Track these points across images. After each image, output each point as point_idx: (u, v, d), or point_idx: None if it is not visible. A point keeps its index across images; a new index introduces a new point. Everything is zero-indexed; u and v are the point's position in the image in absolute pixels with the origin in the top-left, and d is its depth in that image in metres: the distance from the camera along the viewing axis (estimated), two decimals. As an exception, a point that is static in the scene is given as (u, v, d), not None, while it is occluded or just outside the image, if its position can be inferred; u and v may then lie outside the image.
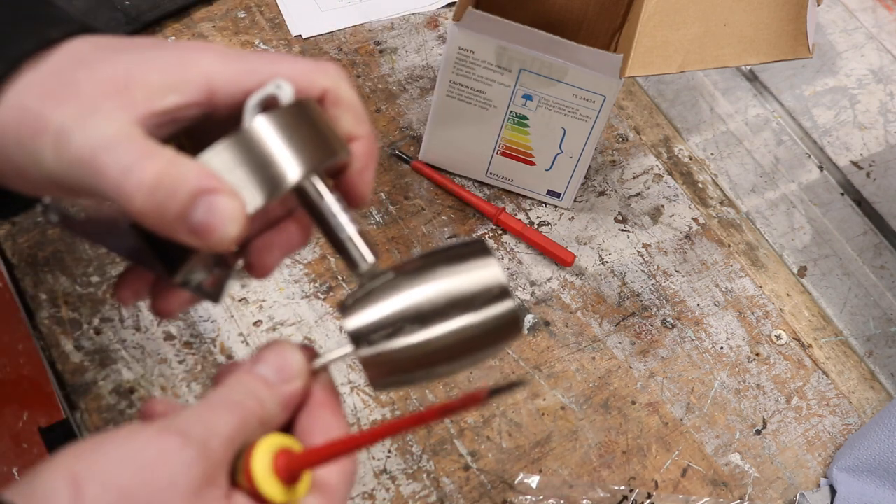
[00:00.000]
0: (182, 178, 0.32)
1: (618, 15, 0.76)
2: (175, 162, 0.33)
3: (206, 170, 0.33)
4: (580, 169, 0.73)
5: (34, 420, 0.59)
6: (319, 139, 0.36)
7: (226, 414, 0.34)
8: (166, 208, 0.32)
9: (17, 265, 0.64)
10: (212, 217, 0.33)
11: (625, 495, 0.63)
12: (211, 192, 0.33)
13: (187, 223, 0.33)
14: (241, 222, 0.33)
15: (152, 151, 0.32)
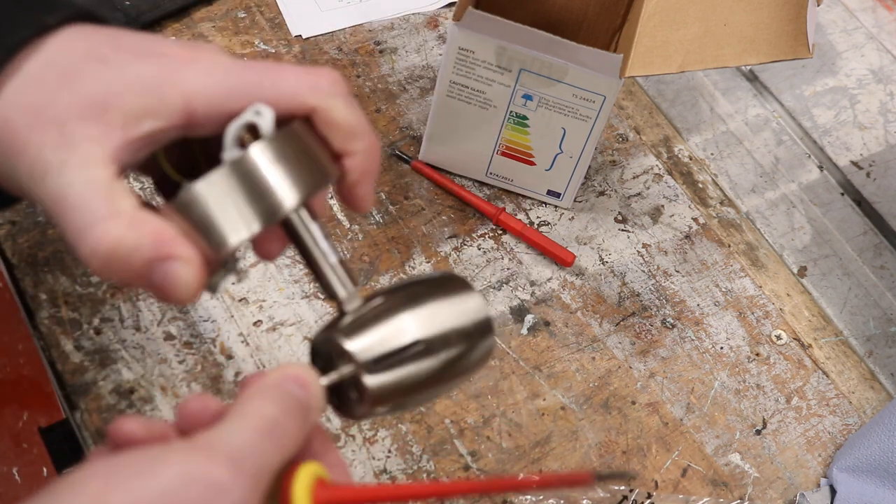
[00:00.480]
0: (137, 246, 0.32)
1: (618, 15, 0.76)
2: (133, 224, 0.33)
3: (163, 234, 0.33)
4: (580, 169, 0.73)
5: (34, 420, 0.59)
6: (303, 168, 0.36)
7: (276, 442, 0.32)
8: (121, 274, 0.33)
9: (17, 265, 0.64)
10: (167, 283, 0.33)
11: (625, 495, 0.63)
12: (165, 259, 0.33)
13: (146, 284, 0.33)
14: (195, 286, 0.34)
15: (113, 211, 0.32)
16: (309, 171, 0.36)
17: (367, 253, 0.70)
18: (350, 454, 0.61)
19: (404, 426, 0.63)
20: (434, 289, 0.40)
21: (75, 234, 0.32)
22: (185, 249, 0.33)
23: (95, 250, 0.32)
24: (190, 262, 0.33)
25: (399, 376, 0.37)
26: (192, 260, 0.33)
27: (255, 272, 0.68)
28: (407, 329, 0.38)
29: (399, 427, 0.63)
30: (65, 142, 0.33)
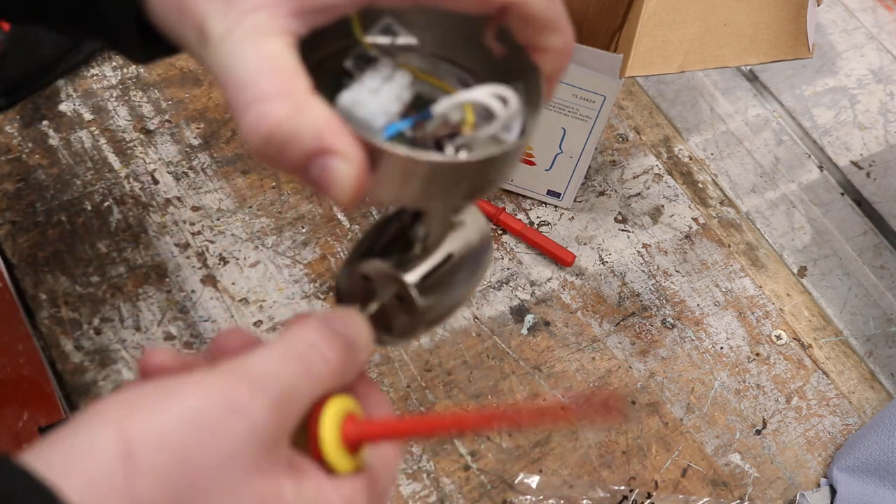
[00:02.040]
0: (298, 133, 0.29)
1: (618, 15, 0.76)
2: (299, 109, 0.29)
3: (330, 125, 0.30)
4: (580, 169, 0.73)
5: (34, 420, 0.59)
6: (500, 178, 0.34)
7: (307, 368, 0.31)
8: (280, 160, 0.30)
9: (17, 265, 0.64)
10: (325, 179, 0.30)
11: (625, 495, 0.63)
12: (326, 153, 0.30)
13: (304, 175, 0.30)
14: (355, 188, 0.30)
15: (279, 90, 0.29)
16: (499, 179, 0.35)
17: (367, 253, 0.70)
18: None
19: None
20: None
21: (238, 109, 0.30)
22: (349, 147, 0.30)
23: (254, 130, 0.29)
24: (351, 161, 0.30)
25: (442, 299, 0.38)
26: (354, 159, 0.30)
27: (254, 272, 0.68)
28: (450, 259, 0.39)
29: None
30: (231, 9, 0.30)
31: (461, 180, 0.33)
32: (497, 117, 0.33)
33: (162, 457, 0.27)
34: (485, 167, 0.32)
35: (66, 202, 0.68)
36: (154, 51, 0.37)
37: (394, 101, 0.33)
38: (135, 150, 0.72)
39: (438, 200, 0.34)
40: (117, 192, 0.70)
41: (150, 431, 0.27)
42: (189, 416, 0.27)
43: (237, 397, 0.28)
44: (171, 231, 0.68)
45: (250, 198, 0.71)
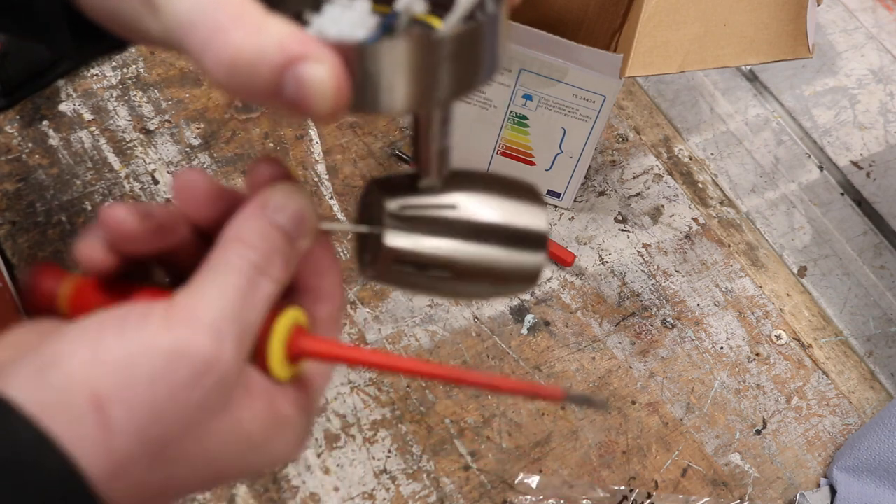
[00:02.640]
0: (261, 51, 0.28)
1: (618, 15, 0.76)
2: (255, 29, 0.28)
3: (291, 34, 0.28)
4: (580, 169, 0.73)
5: (34, 420, 0.58)
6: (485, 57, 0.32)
7: (256, 297, 0.30)
8: (251, 87, 0.29)
9: (17, 265, 0.64)
10: (302, 91, 0.28)
11: (625, 495, 0.63)
12: (295, 61, 0.28)
13: (280, 99, 0.29)
14: (336, 92, 0.29)
15: (229, 19, 0.28)
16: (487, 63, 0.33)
17: (367, 253, 0.70)
18: (350, 454, 0.61)
19: (404, 426, 0.63)
20: (502, 185, 0.38)
21: (198, 54, 0.29)
22: (317, 49, 0.28)
23: (217, 63, 0.28)
24: (324, 62, 0.28)
25: (421, 245, 0.35)
26: (326, 60, 0.28)
27: (255, 272, 0.68)
28: (451, 209, 0.36)
29: (399, 427, 0.63)
30: None
31: (443, 63, 0.31)
32: (458, 1, 0.32)
33: (136, 416, 0.28)
34: (463, 43, 0.31)
35: (66, 202, 0.68)
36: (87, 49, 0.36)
37: (358, 26, 0.32)
38: (135, 150, 0.72)
39: (428, 95, 0.32)
40: (117, 192, 0.70)
41: (121, 390, 0.28)
42: (158, 372, 0.28)
43: (204, 350, 0.28)
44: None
45: (250, 198, 0.71)
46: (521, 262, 0.37)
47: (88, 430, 0.27)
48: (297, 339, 0.32)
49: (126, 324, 0.29)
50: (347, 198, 0.73)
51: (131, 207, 0.32)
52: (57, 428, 0.27)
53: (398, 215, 0.35)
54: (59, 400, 0.27)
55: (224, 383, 0.29)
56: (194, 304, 0.30)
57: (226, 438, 0.30)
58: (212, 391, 0.29)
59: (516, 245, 0.37)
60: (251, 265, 0.31)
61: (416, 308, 0.69)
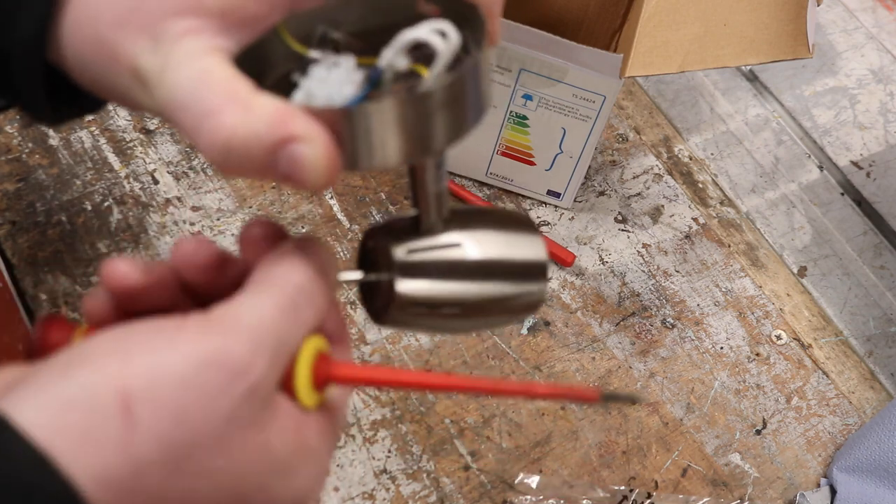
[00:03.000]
0: (254, 133, 0.29)
1: (618, 15, 0.76)
2: (249, 109, 0.29)
3: (279, 112, 0.29)
4: (580, 169, 0.73)
5: (34, 420, 0.58)
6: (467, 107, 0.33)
7: (299, 317, 0.31)
8: (246, 166, 0.29)
9: (17, 265, 0.64)
10: (295, 168, 0.29)
11: (625, 495, 0.63)
12: (287, 142, 0.29)
13: (275, 175, 0.30)
14: (327, 167, 0.30)
15: (223, 99, 0.29)
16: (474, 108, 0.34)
17: (367, 253, 0.70)
18: (350, 454, 0.61)
19: (404, 426, 0.63)
20: (499, 220, 0.39)
21: (192, 134, 0.29)
22: (307, 127, 0.29)
23: (212, 145, 0.29)
24: (315, 141, 0.29)
25: (431, 288, 0.36)
26: (316, 138, 0.29)
27: (255, 272, 0.68)
28: (456, 250, 0.37)
29: (399, 427, 0.63)
30: (160, 44, 0.30)
31: (433, 115, 0.32)
32: (440, 52, 0.32)
33: (162, 417, 0.27)
34: (450, 94, 0.32)
35: (66, 202, 0.68)
36: (63, 112, 0.36)
37: (346, 83, 0.33)
38: (135, 150, 0.72)
39: (421, 147, 0.32)
40: (117, 192, 0.70)
41: (150, 389, 0.27)
42: (189, 374, 0.27)
43: (238, 357, 0.28)
44: (171, 231, 0.68)
45: (250, 198, 0.71)
46: (526, 293, 0.39)
47: (111, 425, 0.26)
48: (322, 364, 0.32)
49: (161, 327, 0.29)
50: (347, 198, 0.73)
51: (133, 262, 0.32)
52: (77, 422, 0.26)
53: (406, 261, 0.36)
54: (82, 394, 0.26)
55: (255, 395, 0.29)
56: (233, 313, 0.29)
57: (252, 458, 0.29)
58: (242, 401, 0.28)
59: (520, 277, 0.39)
60: (295, 287, 0.31)
61: (416, 308, 0.69)
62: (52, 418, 0.26)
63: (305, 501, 0.32)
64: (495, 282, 0.38)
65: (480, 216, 0.40)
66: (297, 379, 0.31)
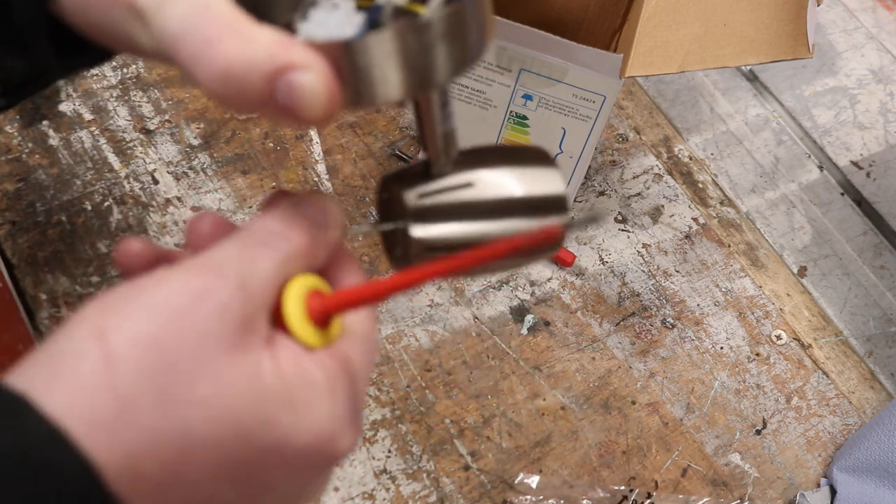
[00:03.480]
0: (251, 62, 0.29)
1: (618, 15, 0.76)
2: (244, 40, 0.29)
3: (279, 42, 0.29)
4: (580, 169, 0.73)
5: (34, 420, 0.58)
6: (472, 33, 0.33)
7: (268, 249, 0.31)
8: (244, 97, 0.30)
9: (17, 265, 0.64)
10: (293, 98, 0.29)
11: (625, 495, 0.63)
12: (285, 70, 0.29)
13: (273, 107, 0.30)
14: (326, 97, 0.30)
15: (218, 32, 0.29)
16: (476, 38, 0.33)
17: (367, 253, 0.70)
18: (350, 454, 0.61)
19: (404, 426, 0.63)
20: (512, 156, 0.39)
21: (189, 66, 0.29)
22: (306, 56, 0.29)
23: (209, 75, 0.29)
24: (314, 69, 0.29)
25: (446, 230, 0.36)
26: (315, 66, 0.30)
27: (255, 272, 0.68)
28: (469, 189, 0.37)
29: (399, 427, 0.63)
30: None
31: (433, 46, 0.32)
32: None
33: (138, 350, 0.27)
34: (449, 24, 0.32)
35: (66, 202, 0.68)
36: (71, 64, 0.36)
37: (345, 24, 0.33)
38: (135, 150, 0.72)
39: (423, 80, 0.32)
40: (117, 192, 0.70)
41: (124, 328, 0.28)
42: (158, 308, 0.28)
43: (201, 284, 0.29)
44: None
45: (250, 198, 0.71)
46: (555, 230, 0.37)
47: (90, 362, 0.27)
48: (315, 300, 0.32)
49: (134, 282, 0.29)
50: (348, 198, 0.73)
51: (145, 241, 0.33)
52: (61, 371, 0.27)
53: (419, 206, 0.36)
54: (63, 345, 0.27)
55: (225, 316, 0.29)
56: (204, 254, 0.30)
57: (243, 381, 0.29)
58: (211, 321, 0.28)
59: (540, 212, 0.38)
60: (265, 228, 0.31)
61: (416, 308, 0.69)
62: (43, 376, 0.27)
63: (332, 444, 0.31)
64: (514, 219, 0.37)
65: (493, 153, 0.39)
66: (285, 313, 0.31)
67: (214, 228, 0.33)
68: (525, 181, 0.37)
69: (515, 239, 0.31)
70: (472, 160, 0.37)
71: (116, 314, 0.28)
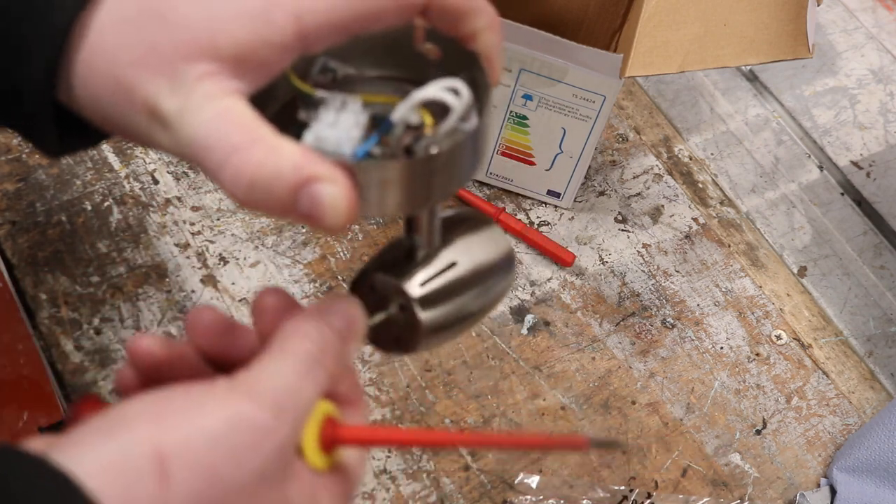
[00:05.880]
0: (277, 173, 0.30)
1: (618, 15, 0.76)
2: (273, 150, 0.31)
3: (304, 156, 0.31)
4: (580, 169, 0.73)
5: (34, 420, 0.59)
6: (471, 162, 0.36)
7: (312, 381, 0.33)
8: (268, 203, 0.31)
9: (17, 265, 0.64)
10: (316, 209, 0.31)
11: (625, 495, 0.63)
12: (310, 182, 0.31)
13: (295, 214, 0.31)
14: (347, 208, 0.31)
15: (244, 141, 0.31)
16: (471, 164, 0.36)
17: (366, 253, 0.70)
18: (350, 454, 0.61)
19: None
20: (465, 225, 0.43)
21: (214, 170, 0.31)
22: (329, 170, 0.31)
23: (237, 181, 0.30)
24: (336, 182, 0.31)
25: (447, 310, 0.40)
26: (338, 180, 0.31)
27: (254, 272, 0.68)
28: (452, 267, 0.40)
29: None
30: (178, 86, 0.31)
31: (435, 174, 0.34)
32: (453, 109, 0.34)
33: (195, 476, 0.28)
34: (453, 155, 0.34)
35: (66, 202, 0.68)
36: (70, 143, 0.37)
37: (354, 127, 0.34)
38: (135, 150, 0.72)
39: (422, 201, 0.35)
40: (117, 192, 0.70)
41: (183, 450, 0.28)
42: (221, 436, 0.29)
43: (264, 422, 0.30)
44: (171, 231, 0.68)
45: (250, 198, 0.71)
46: (507, 283, 0.44)
47: (147, 485, 0.28)
48: (328, 427, 0.34)
49: (190, 392, 0.30)
50: (347, 198, 0.73)
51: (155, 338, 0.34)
52: (117, 483, 0.27)
53: (423, 293, 0.39)
54: (121, 457, 0.28)
55: (282, 454, 0.31)
56: (256, 379, 0.31)
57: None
58: (269, 459, 0.30)
59: (504, 269, 0.43)
60: (308, 354, 0.33)
61: (416, 308, 0.69)
62: (97, 478, 0.27)
63: None
64: (490, 281, 0.42)
65: (455, 226, 0.42)
66: (304, 441, 0.33)
67: (278, 307, 0.35)
68: (486, 247, 0.42)
69: (545, 441, 0.34)
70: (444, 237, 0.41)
71: (175, 435, 0.29)
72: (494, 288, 0.42)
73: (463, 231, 0.42)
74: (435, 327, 0.40)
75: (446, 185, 0.35)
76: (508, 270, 0.43)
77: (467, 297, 0.41)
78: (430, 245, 0.40)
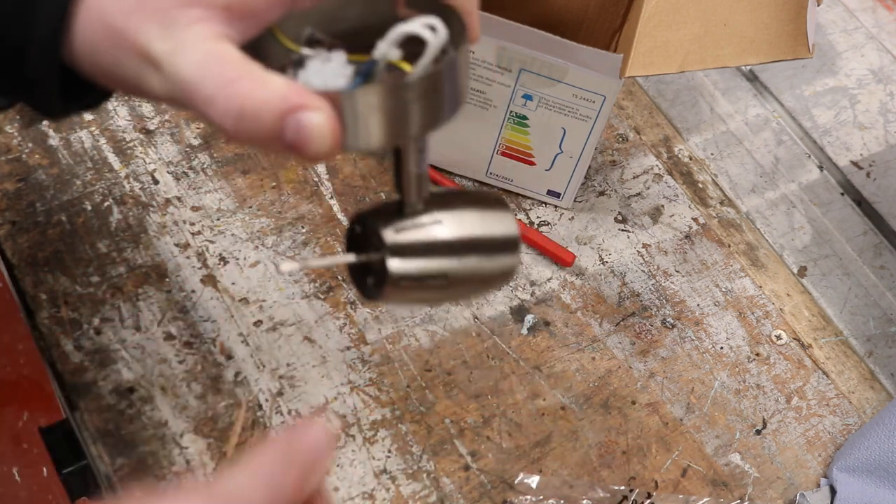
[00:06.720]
0: (265, 101, 0.32)
1: (618, 15, 0.76)
2: (259, 83, 0.33)
3: (291, 87, 0.33)
4: (580, 169, 0.73)
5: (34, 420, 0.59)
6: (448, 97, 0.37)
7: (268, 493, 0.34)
8: (256, 132, 0.33)
9: (17, 265, 0.64)
10: (301, 136, 0.33)
11: (625, 495, 0.63)
12: (296, 109, 0.33)
13: (281, 142, 0.33)
14: (331, 136, 0.33)
15: (235, 75, 0.33)
16: (451, 100, 0.37)
17: (367, 253, 0.70)
18: (350, 454, 0.61)
19: (404, 426, 0.63)
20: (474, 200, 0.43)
21: (205, 105, 0.33)
22: (314, 99, 0.33)
23: (227, 112, 0.32)
24: (321, 110, 0.33)
25: (419, 264, 0.41)
26: (324, 109, 0.33)
27: (254, 272, 0.68)
28: (439, 228, 0.41)
29: (399, 427, 0.63)
30: (170, 30, 0.33)
31: (413, 102, 0.36)
32: (429, 44, 0.36)
33: None
34: (430, 84, 0.36)
35: (66, 202, 0.68)
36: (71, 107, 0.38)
37: (338, 75, 0.37)
38: (135, 150, 0.72)
39: (401, 131, 0.36)
40: (117, 192, 0.70)
41: None
42: None
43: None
44: (171, 231, 0.68)
45: (250, 198, 0.71)
46: (502, 265, 0.44)
47: None
48: None
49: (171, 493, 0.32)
50: (347, 198, 0.73)
51: None
52: None
53: (396, 241, 0.40)
54: None
55: None
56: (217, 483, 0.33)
57: None
58: None
59: (496, 250, 0.43)
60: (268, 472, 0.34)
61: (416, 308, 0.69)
62: None
63: None
64: (475, 255, 0.42)
65: (457, 197, 0.44)
66: None
67: None
68: (485, 222, 0.43)
69: None
70: (440, 202, 0.42)
71: None
72: (487, 265, 0.43)
73: (467, 202, 0.43)
74: (404, 278, 0.40)
75: (425, 117, 0.36)
76: (508, 252, 0.43)
77: (449, 262, 0.41)
78: (416, 194, 0.41)
